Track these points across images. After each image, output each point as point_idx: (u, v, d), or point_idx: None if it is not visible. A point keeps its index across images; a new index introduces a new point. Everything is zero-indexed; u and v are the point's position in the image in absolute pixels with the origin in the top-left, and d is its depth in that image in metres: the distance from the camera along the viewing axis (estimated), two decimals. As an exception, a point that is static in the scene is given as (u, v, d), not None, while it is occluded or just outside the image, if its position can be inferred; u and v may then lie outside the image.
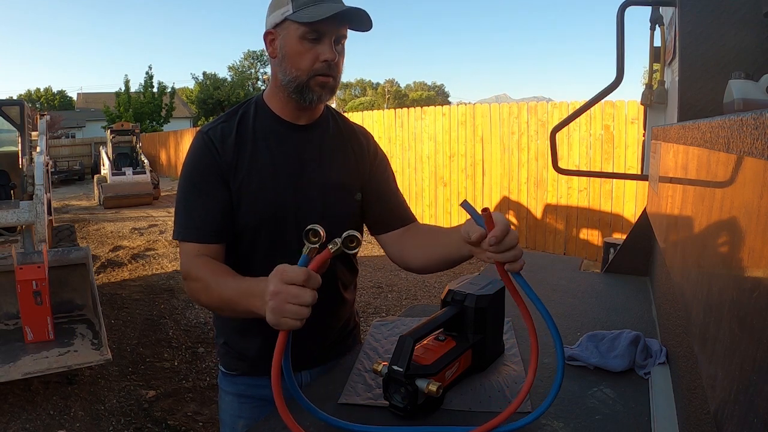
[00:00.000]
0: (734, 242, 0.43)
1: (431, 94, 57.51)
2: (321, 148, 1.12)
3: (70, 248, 3.50)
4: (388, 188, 1.19)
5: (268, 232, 1.07)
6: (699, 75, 1.50)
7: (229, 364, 1.20)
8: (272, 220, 1.07)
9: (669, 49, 1.86)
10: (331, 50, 1.00)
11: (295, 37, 1.00)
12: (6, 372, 2.56)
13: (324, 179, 1.10)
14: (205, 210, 1.04)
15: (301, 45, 1.00)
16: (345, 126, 1.18)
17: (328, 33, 0.99)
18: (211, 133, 1.07)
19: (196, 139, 1.08)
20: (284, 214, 1.07)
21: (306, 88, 1.02)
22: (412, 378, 0.87)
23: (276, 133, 1.09)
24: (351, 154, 1.15)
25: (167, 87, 22.67)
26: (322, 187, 1.10)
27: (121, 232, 8.25)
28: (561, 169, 2.29)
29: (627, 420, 0.89)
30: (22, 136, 4.99)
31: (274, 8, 1.02)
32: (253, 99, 1.14)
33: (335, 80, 1.04)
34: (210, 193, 1.04)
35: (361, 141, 1.18)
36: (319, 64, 1.00)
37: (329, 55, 0.99)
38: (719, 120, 0.50)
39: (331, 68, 1.01)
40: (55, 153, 18.91)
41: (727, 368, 0.42)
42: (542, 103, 6.47)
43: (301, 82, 1.02)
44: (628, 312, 1.42)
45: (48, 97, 47.05)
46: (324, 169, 1.11)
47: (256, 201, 1.06)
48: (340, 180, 1.12)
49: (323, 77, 1.02)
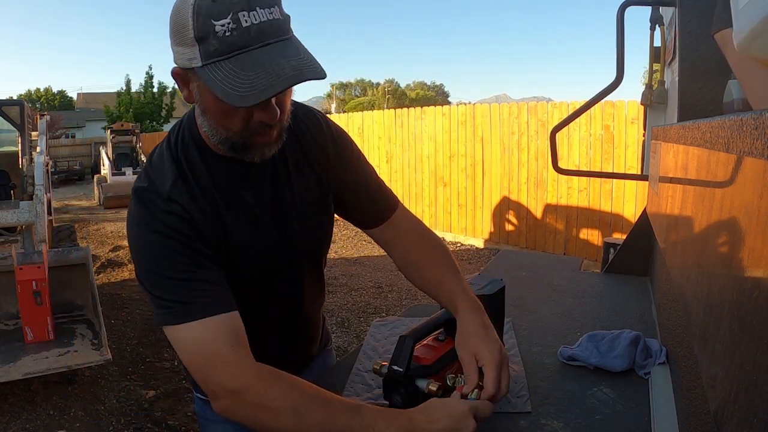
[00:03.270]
0: (734, 242, 0.43)
1: (431, 94, 57.52)
2: (288, 177, 0.93)
3: (70, 248, 3.50)
4: (356, 183, 1.01)
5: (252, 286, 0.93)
6: (699, 75, 1.50)
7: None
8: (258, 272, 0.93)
9: (669, 49, 1.86)
10: (271, 110, 0.75)
11: (214, 96, 0.71)
12: (6, 372, 2.56)
13: (301, 209, 0.95)
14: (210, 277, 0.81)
15: (225, 105, 0.71)
16: (299, 130, 0.94)
17: None
18: (177, 196, 0.81)
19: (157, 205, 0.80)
20: (271, 265, 0.94)
21: (242, 149, 0.80)
22: (412, 378, 0.87)
23: (237, 179, 0.87)
24: (314, 162, 0.96)
25: (167, 87, 22.69)
26: (300, 218, 0.94)
27: (121, 232, 8.24)
28: (561, 169, 2.30)
29: (627, 420, 0.89)
30: (22, 136, 4.99)
31: (178, 42, 0.72)
32: (185, 137, 0.86)
33: (281, 129, 0.81)
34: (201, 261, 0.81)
35: (318, 142, 0.97)
36: (256, 124, 0.76)
37: (268, 118, 0.75)
38: (719, 120, 0.50)
39: (274, 125, 0.78)
40: (55, 153, 18.89)
41: (727, 368, 0.42)
42: (542, 103, 6.47)
43: (234, 143, 0.79)
44: (628, 312, 1.42)
45: (48, 97, 47.02)
46: (298, 198, 0.94)
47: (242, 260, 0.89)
48: (317, 201, 0.97)
49: (264, 136, 0.78)
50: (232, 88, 0.68)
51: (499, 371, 0.83)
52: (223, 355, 0.76)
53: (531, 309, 1.44)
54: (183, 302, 0.77)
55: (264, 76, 0.67)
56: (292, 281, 1.00)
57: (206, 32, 0.67)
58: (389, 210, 1.03)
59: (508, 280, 1.18)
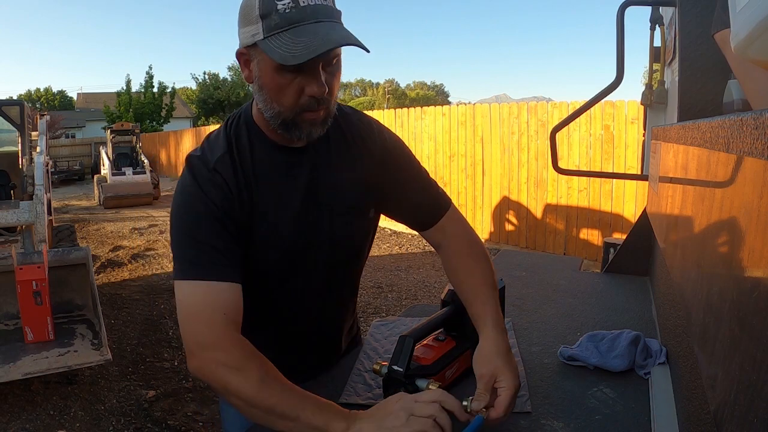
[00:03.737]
0: (734, 242, 0.43)
1: (431, 93, 57.53)
2: (326, 169, 0.97)
3: (70, 248, 3.50)
4: (406, 187, 1.04)
5: (273, 277, 0.98)
6: (699, 75, 1.50)
7: None
8: (280, 263, 0.97)
9: (669, 49, 1.86)
10: (319, 84, 0.82)
11: (271, 68, 0.81)
12: (6, 372, 2.56)
13: (333, 205, 0.98)
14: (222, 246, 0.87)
15: (280, 77, 0.81)
16: (349, 130, 1.01)
17: (313, 61, 0.79)
18: (221, 168, 0.89)
19: (201, 171, 0.89)
20: (293, 256, 0.97)
21: (292, 126, 0.87)
22: (412, 378, 0.87)
23: (276, 165, 0.94)
24: (359, 165, 1.00)
25: (167, 87, 22.71)
26: (330, 214, 0.98)
27: (121, 232, 8.25)
28: (561, 169, 2.29)
29: (627, 420, 0.89)
30: (22, 136, 4.99)
31: (244, 23, 0.83)
32: (241, 118, 0.96)
33: (328, 110, 0.88)
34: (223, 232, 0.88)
35: (367, 145, 1.01)
36: (306, 99, 0.83)
37: (316, 90, 0.82)
38: (719, 120, 0.50)
39: (322, 101, 0.84)
40: (55, 153, 18.91)
41: (727, 368, 0.42)
42: (542, 103, 6.47)
43: (285, 119, 0.86)
44: (628, 312, 1.42)
45: (48, 97, 47.02)
46: (332, 193, 0.98)
47: (265, 247, 0.94)
48: (351, 202, 1.00)
49: (312, 113, 0.85)
50: (287, 51, 0.77)
51: (514, 397, 0.83)
52: (211, 318, 0.82)
53: (531, 309, 1.44)
54: (194, 262, 0.85)
55: (315, 40, 0.77)
56: (309, 276, 1.01)
57: (269, 10, 0.78)
58: (439, 214, 1.06)
59: (508, 280, 1.18)
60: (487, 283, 0.98)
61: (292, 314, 1.04)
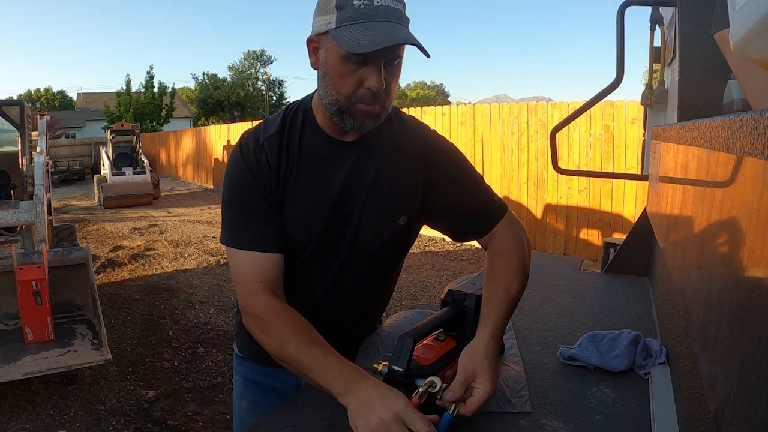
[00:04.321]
0: (734, 242, 0.43)
1: (431, 93, 57.52)
2: (367, 168, 1.00)
3: (70, 248, 3.50)
4: (458, 196, 1.05)
5: (293, 258, 1.02)
6: (699, 75, 1.50)
7: (241, 346, 1.21)
8: (301, 246, 1.01)
9: (669, 49, 1.86)
10: (377, 78, 0.87)
11: (337, 56, 0.87)
12: (6, 372, 2.56)
13: (365, 204, 1.00)
14: (263, 218, 0.96)
15: (344, 66, 0.87)
16: (400, 133, 1.03)
17: (376, 57, 0.85)
18: (268, 145, 0.97)
19: (250, 146, 0.97)
20: (314, 245, 1.01)
21: (347, 114, 0.91)
22: (412, 378, 0.87)
23: (321, 153, 0.99)
24: (405, 168, 1.02)
25: (168, 87, 22.70)
26: (360, 212, 1.00)
27: (121, 232, 8.25)
28: (561, 169, 2.30)
29: (627, 420, 0.89)
30: (22, 136, 4.99)
31: (320, 12, 0.89)
32: (301, 105, 1.02)
33: (383, 107, 0.92)
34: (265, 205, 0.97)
35: (417, 150, 1.03)
36: (364, 91, 0.88)
37: (375, 84, 0.87)
38: (719, 120, 0.50)
39: (377, 97, 0.89)
40: (55, 153, 18.90)
41: (727, 368, 0.42)
42: (542, 103, 6.47)
43: (341, 106, 0.91)
44: (628, 312, 1.42)
45: (48, 97, 47.01)
46: (368, 192, 1.00)
47: (292, 228, 0.99)
48: (383, 204, 1.01)
49: (367, 105, 0.90)
50: (355, 41, 0.83)
51: (485, 402, 0.84)
52: (252, 287, 0.95)
53: (531, 309, 1.44)
54: (239, 231, 0.96)
55: (382, 35, 0.83)
56: (326, 265, 1.04)
57: (345, 3, 0.85)
58: (491, 223, 1.07)
59: (508, 280, 1.18)
60: (507, 291, 0.99)
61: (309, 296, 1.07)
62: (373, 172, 1.00)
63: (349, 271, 1.06)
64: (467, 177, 1.07)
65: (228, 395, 3.00)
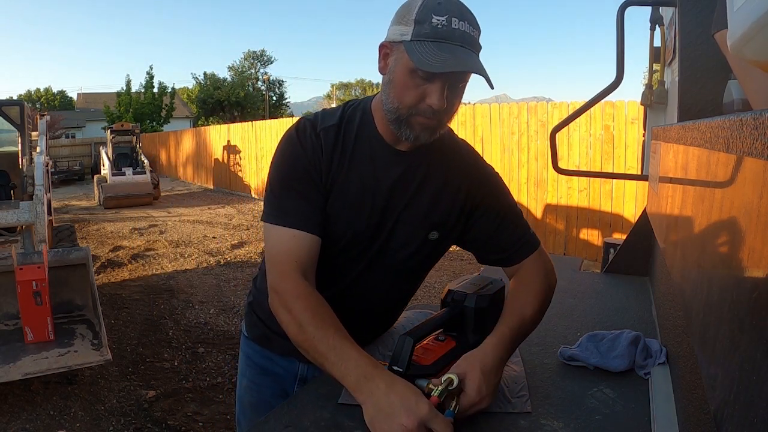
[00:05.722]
0: (734, 242, 0.43)
1: (431, 94, 57.29)
2: (413, 180, 1.02)
3: (70, 248, 3.50)
4: (495, 225, 1.07)
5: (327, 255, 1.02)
6: (699, 75, 1.50)
7: (248, 326, 1.24)
8: (333, 241, 1.01)
9: (669, 49, 1.86)
10: (440, 97, 0.88)
11: (406, 68, 0.88)
12: (6, 372, 2.56)
13: (402, 214, 1.02)
14: (309, 200, 0.97)
15: (410, 78, 0.89)
16: (451, 153, 1.06)
17: (442, 76, 0.87)
18: (324, 135, 0.99)
19: (306, 130, 0.99)
20: (347, 242, 1.02)
21: (404, 124, 0.93)
22: (412, 378, 0.87)
23: (373, 155, 1.00)
24: (445, 189, 1.04)
25: (168, 87, 22.69)
26: (395, 221, 1.02)
27: (121, 232, 8.25)
28: (561, 169, 2.30)
29: (627, 420, 0.89)
30: (22, 136, 4.99)
31: (398, 21, 0.90)
32: (361, 105, 1.04)
33: (440, 124, 0.94)
34: (312, 189, 0.98)
35: (462, 169, 1.06)
36: (425, 106, 0.90)
37: (436, 102, 0.89)
38: (719, 120, 0.50)
39: (437, 114, 0.91)
40: (55, 153, 18.90)
41: (727, 368, 0.42)
42: (542, 103, 6.47)
43: (401, 115, 0.92)
44: (628, 312, 1.42)
45: (48, 97, 46.99)
46: (408, 202, 1.02)
47: (333, 223, 1.00)
48: (420, 217, 1.03)
49: (425, 119, 0.91)
50: (426, 58, 0.85)
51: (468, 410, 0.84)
52: (285, 266, 0.94)
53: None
54: (283, 209, 0.96)
55: (452, 59, 0.85)
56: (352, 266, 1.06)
57: (424, 19, 0.86)
58: (521, 256, 1.08)
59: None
60: (521, 310, 1.00)
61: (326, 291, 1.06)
62: (417, 184, 1.02)
63: (371, 275, 1.07)
64: (507, 209, 1.09)
65: (228, 396, 3.00)
